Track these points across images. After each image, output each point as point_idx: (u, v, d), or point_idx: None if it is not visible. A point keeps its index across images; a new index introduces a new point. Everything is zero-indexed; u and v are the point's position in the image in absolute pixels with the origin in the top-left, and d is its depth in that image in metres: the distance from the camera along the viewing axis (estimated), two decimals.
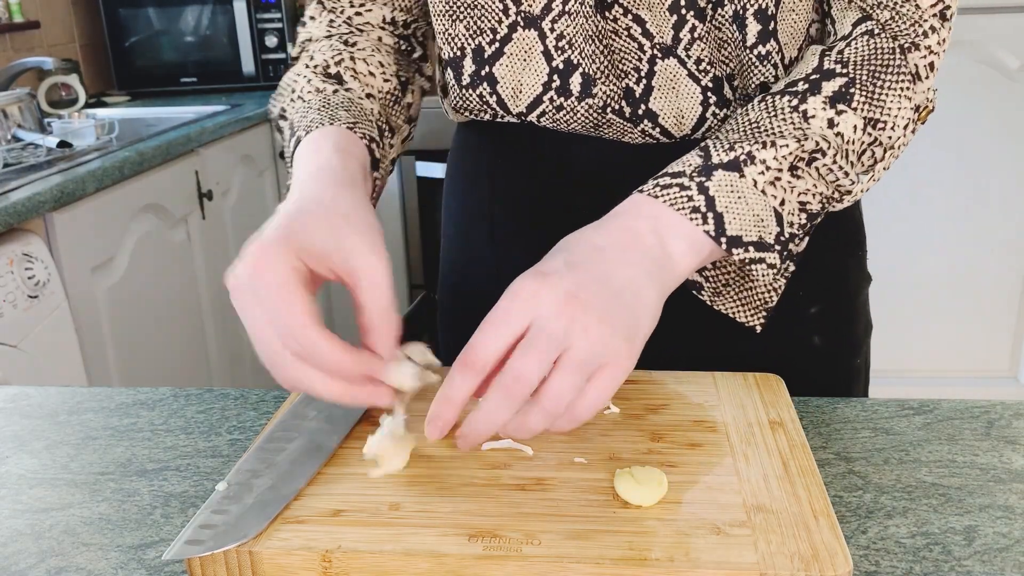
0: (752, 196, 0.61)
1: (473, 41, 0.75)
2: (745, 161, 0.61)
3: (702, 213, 0.60)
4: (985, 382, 2.49)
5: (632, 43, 0.71)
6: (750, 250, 0.60)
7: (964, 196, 2.33)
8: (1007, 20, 2.21)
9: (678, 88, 0.72)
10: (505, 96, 0.76)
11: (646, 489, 0.53)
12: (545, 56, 0.73)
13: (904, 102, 0.66)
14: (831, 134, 0.63)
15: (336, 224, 0.57)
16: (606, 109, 0.74)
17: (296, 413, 0.64)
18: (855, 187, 0.65)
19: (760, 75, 0.72)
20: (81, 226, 1.69)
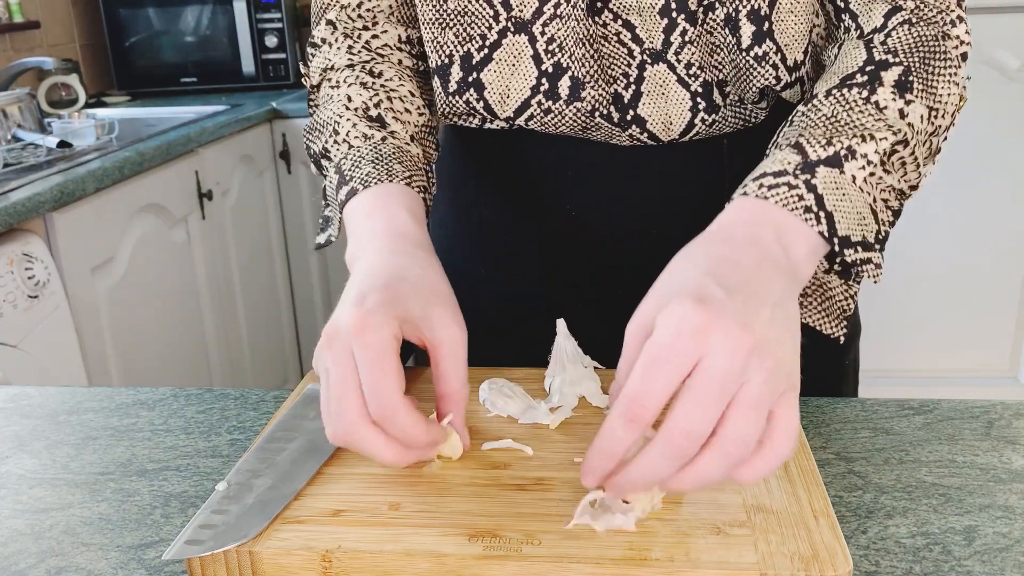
0: (853, 193, 0.58)
1: (462, 48, 0.75)
2: (846, 156, 0.59)
3: (815, 213, 0.56)
4: (985, 382, 2.49)
5: (622, 48, 0.71)
6: (859, 250, 0.57)
7: (964, 196, 2.33)
8: (1007, 20, 2.21)
9: (667, 94, 0.72)
10: (492, 101, 0.76)
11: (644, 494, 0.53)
12: (535, 60, 0.73)
13: (952, 87, 0.64)
14: (904, 125, 0.61)
15: (426, 295, 0.58)
16: (594, 113, 0.74)
17: (296, 413, 0.64)
18: (920, 181, 0.64)
19: (760, 77, 0.71)
20: (81, 226, 1.70)
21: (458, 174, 0.86)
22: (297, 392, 0.68)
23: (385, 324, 0.54)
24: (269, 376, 2.48)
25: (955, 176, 2.32)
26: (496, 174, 0.83)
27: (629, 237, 0.79)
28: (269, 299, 2.48)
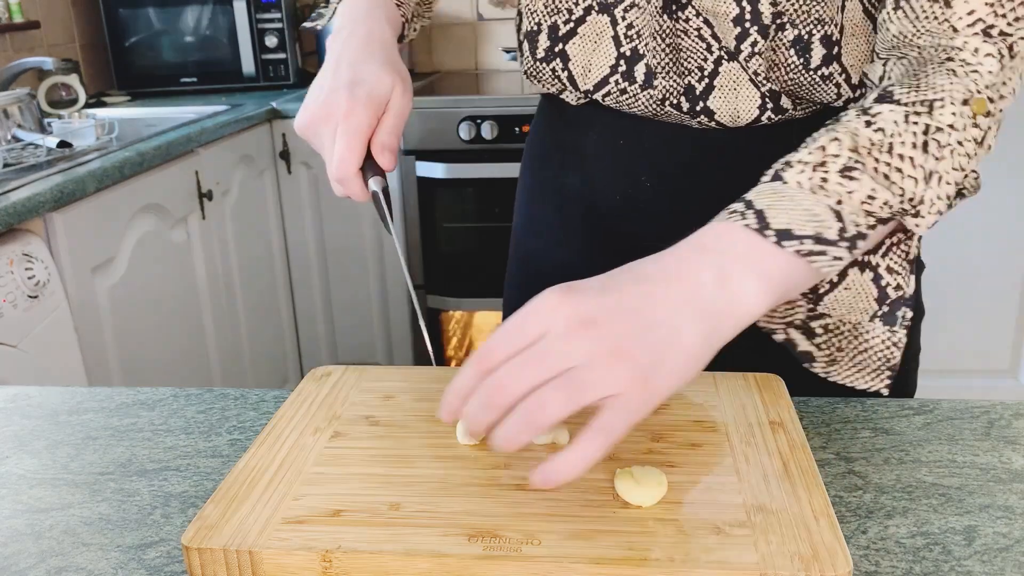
0: (799, 195, 0.58)
1: (550, 19, 0.81)
2: (783, 168, 0.60)
3: (740, 212, 0.57)
4: (985, 381, 2.49)
5: (701, 43, 0.76)
6: (805, 243, 0.56)
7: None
8: None
9: (739, 91, 0.76)
10: (576, 73, 0.82)
11: (646, 489, 0.53)
12: (615, 41, 0.79)
13: (952, 77, 0.61)
14: (868, 132, 0.60)
15: (391, 76, 0.74)
16: (664, 102, 0.78)
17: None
18: (929, 192, 0.60)
19: (824, 94, 0.75)
20: (81, 226, 1.69)
21: (544, 147, 0.93)
22: (297, 392, 0.68)
23: (364, 114, 0.71)
24: (269, 376, 2.48)
25: None
26: (576, 146, 0.88)
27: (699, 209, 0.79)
28: (269, 299, 2.48)
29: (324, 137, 0.73)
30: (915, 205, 0.60)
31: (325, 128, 0.73)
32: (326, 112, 0.72)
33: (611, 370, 0.50)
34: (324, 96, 0.73)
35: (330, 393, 0.68)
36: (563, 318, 0.52)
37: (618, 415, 0.51)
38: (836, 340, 0.66)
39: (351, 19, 0.79)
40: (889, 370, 0.66)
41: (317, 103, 0.73)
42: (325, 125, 0.72)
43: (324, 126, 0.73)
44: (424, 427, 0.62)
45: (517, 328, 0.53)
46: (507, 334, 0.53)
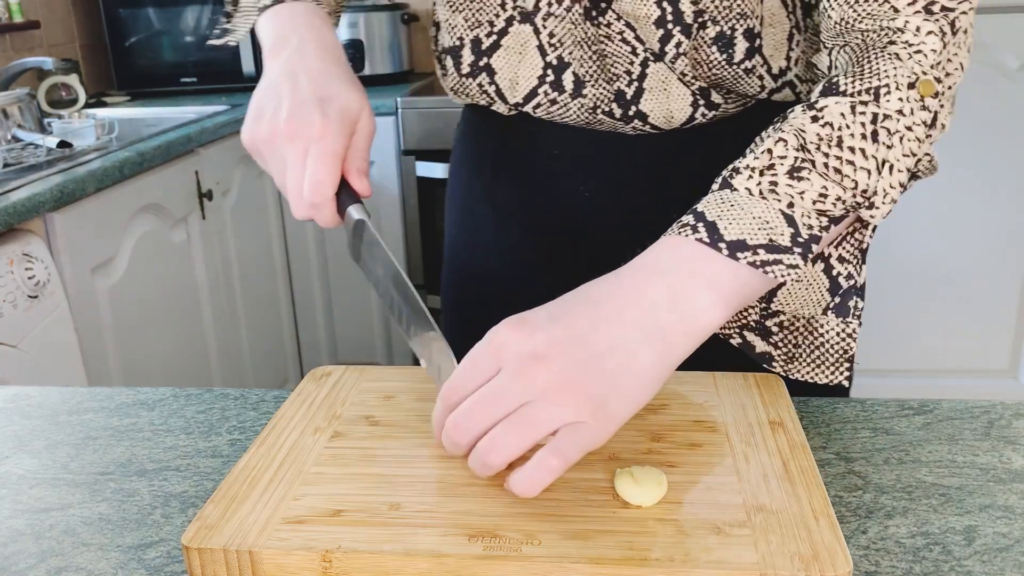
0: (748, 203, 0.57)
1: (471, 32, 0.78)
2: (731, 175, 0.59)
3: (692, 225, 0.57)
4: (985, 381, 2.49)
5: (625, 47, 0.73)
6: (759, 253, 0.56)
7: (964, 195, 2.33)
8: (1007, 20, 2.21)
9: (669, 90, 0.74)
10: (503, 87, 0.79)
11: (646, 489, 0.53)
12: (540, 51, 0.76)
13: (901, 61, 0.61)
14: (815, 127, 0.59)
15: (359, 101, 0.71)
16: (596, 110, 0.76)
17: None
18: (882, 182, 0.59)
19: (749, 87, 0.74)
20: (81, 226, 1.69)
21: (473, 159, 0.90)
22: (297, 392, 0.68)
23: (339, 135, 0.67)
24: (269, 376, 2.48)
25: (955, 176, 2.32)
26: (508, 158, 0.86)
27: (636, 219, 0.80)
28: (269, 299, 2.48)
29: (288, 155, 0.67)
30: (869, 197, 0.59)
31: (291, 146, 0.67)
32: (293, 128, 0.67)
33: (564, 404, 0.51)
34: (288, 111, 0.67)
35: (330, 393, 0.68)
36: (513, 355, 0.52)
37: (571, 441, 0.52)
38: (792, 337, 0.66)
39: (291, 28, 0.74)
40: (848, 362, 0.66)
41: (280, 117, 0.67)
42: (291, 142, 0.67)
43: (289, 143, 0.67)
44: (424, 427, 0.62)
45: (473, 366, 0.54)
46: (465, 372, 0.54)
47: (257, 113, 0.69)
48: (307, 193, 0.66)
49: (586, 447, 0.52)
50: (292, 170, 0.67)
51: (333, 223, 0.69)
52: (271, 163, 0.69)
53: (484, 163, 0.88)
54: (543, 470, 0.51)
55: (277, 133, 0.67)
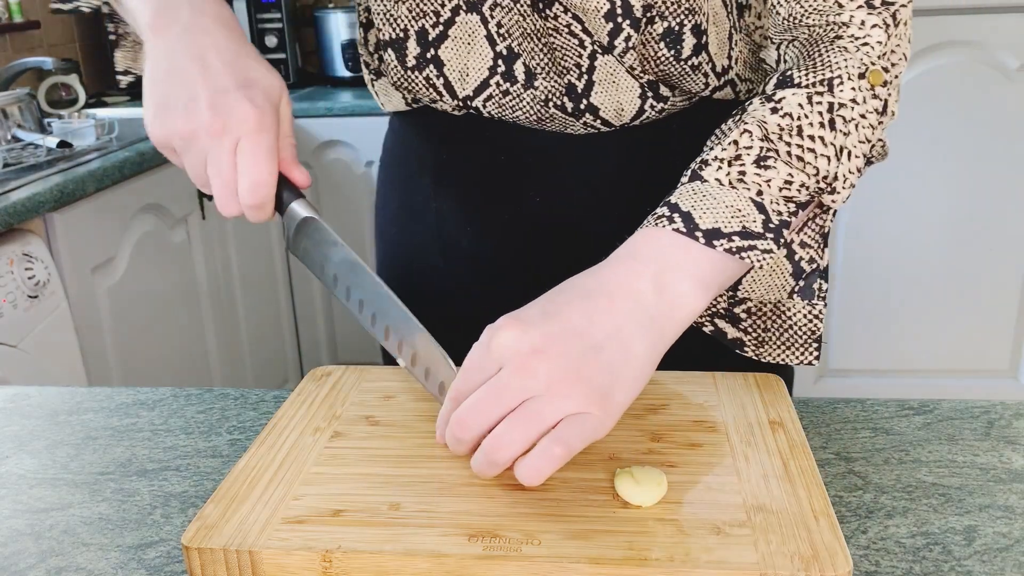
0: (720, 193, 0.59)
1: (416, 23, 0.74)
2: (700, 167, 0.61)
3: (668, 216, 0.59)
4: (985, 381, 2.49)
5: (573, 40, 0.72)
6: (734, 240, 0.58)
7: (964, 195, 2.33)
8: (1007, 20, 2.21)
9: (618, 83, 0.73)
10: (452, 79, 0.75)
11: (646, 489, 0.53)
12: (489, 40, 0.73)
13: (850, 53, 0.64)
14: (775, 118, 0.62)
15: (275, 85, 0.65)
16: (548, 103, 0.74)
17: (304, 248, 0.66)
18: (841, 168, 0.62)
19: (694, 83, 0.74)
20: (81, 226, 1.69)
21: (410, 170, 0.85)
22: (297, 391, 0.68)
23: (273, 126, 0.61)
24: (269, 376, 2.48)
25: (955, 176, 2.32)
26: (452, 165, 0.82)
27: (589, 221, 0.80)
28: (269, 299, 2.48)
29: (214, 151, 0.60)
30: (830, 182, 0.62)
31: (217, 141, 0.60)
32: (220, 123, 0.60)
33: (567, 396, 0.52)
34: (208, 101, 0.60)
35: (330, 393, 0.68)
36: (513, 352, 0.53)
37: (575, 430, 0.52)
38: (761, 322, 0.68)
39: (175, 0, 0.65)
40: (816, 342, 0.69)
41: (199, 109, 0.60)
42: (218, 138, 0.60)
43: (216, 139, 0.60)
44: (424, 427, 0.62)
45: (474, 366, 0.55)
46: (468, 372, 0.55)
47: (164, 103, 0.61)
48: (247, 196, 0.61)
49: (589, 437, 0.53)
50: (219, 168, 0.61)
51: (268, 218, 0.64)
52: (188, 159, 0.62)
53: (424, 173, 0.84)
54: (547, 458, 0.51)
55: (199, 128, 0.60)
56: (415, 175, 0.85)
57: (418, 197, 0.84)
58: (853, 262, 2.42)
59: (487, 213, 0.81)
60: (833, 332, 2.48)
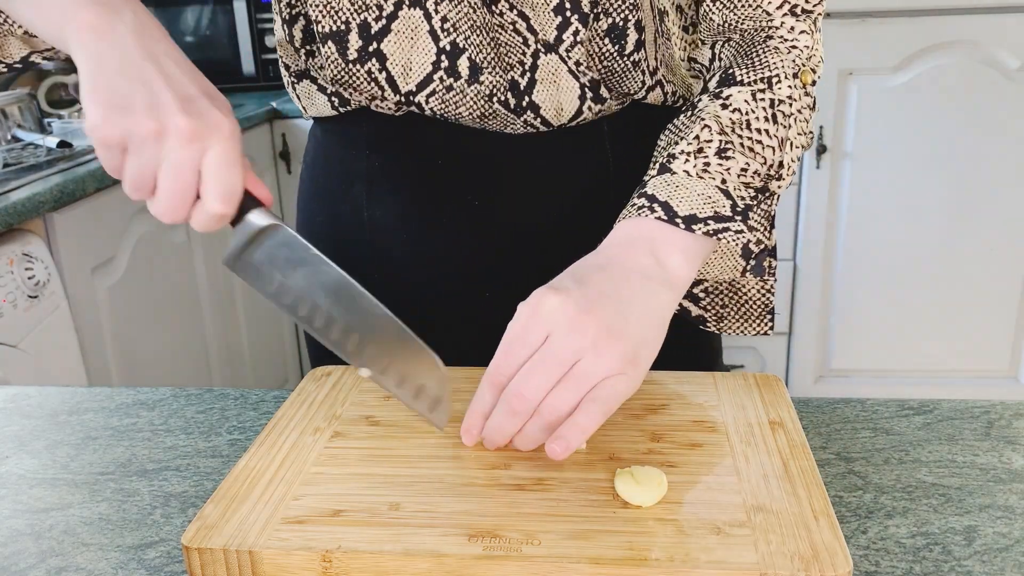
0: (690, 183, 0.66)
1: (359, 16, 0.73)
2: (668, 160, 0.67)
3: (648, 206, 0.65)
4: (985, 382, 2.49)
5: (517, 37, 0.73)
6: (709, 223, 0.64)
7: (964, 196, 2.33)
8: (1007, 20, 2.21)
9: (559, 83, 0.74)
10: (395, 73, 0.74)
11: (646, 489, 0.53)
12: (432, 36, 0.73)
13: (783, 54, 0.71)
14: (727, 113, 0.68)
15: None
16: (492, 99, 0.74)
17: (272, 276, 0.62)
18: (784, 157, 0.69)
19: (633, 82, 0.76)
20: (81, 226, 1.69)
21: (337, 179, 0.83)
22: (297, 391, 0.68)
23: (239, 138, 0.58)
24: (269, 376, 2.48)
25: (955, 175, 2.32)
26: (385, 172, 0.81)
27: (526, 223, 0.80)
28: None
29: (177, 157, 0.56)
30: (776, 170, 0.69)
31: (186, 147, 0.56)
32: (193, 128, 0.56)
33: (609, 355, 0.57)
34: (179, 105, 0.56)
35: (330, 393, 0.68)
36: (562, 315, 0.57)
37: (610, 391, 0.56)
38: (719, 299, 0.75)
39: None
40: (769, 314, 0.76)
41: (168, 112, 0.56)
42: (188, 143, 0.56)
43: (186, 144, 0.56)
44: (424, 427, 0.63)
45: (520, 339, 0.58)
46: (512, 346, 0.58)
47: (121, 102, 0.57)
48: (218, 204, 0.57)
49: (622, 397, 0.57)
50: (179, 172, 0.57)
51: (222, 225, 0.60)
52: (136, 160, 0.57)
53: (355, 182, 0.82)
54: (590, 417, 0.56)
55: (168, 130, 0.56)
56: (343, 185, 0.83)
57: (346, 207, 0.83)
58: (853, 262, 2.42)
59: (423, 219, 0.80)
60: (833, 332, 2.49)
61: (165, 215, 0.58)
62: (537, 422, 0.57)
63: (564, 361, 0.56)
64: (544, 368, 0.56)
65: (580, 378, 0.56)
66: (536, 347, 0.57)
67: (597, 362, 0.56)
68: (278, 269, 0.61)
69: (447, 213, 0.80)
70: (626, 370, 0.57)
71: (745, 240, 0.66)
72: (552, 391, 0.56)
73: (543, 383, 0.56)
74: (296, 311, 0.61)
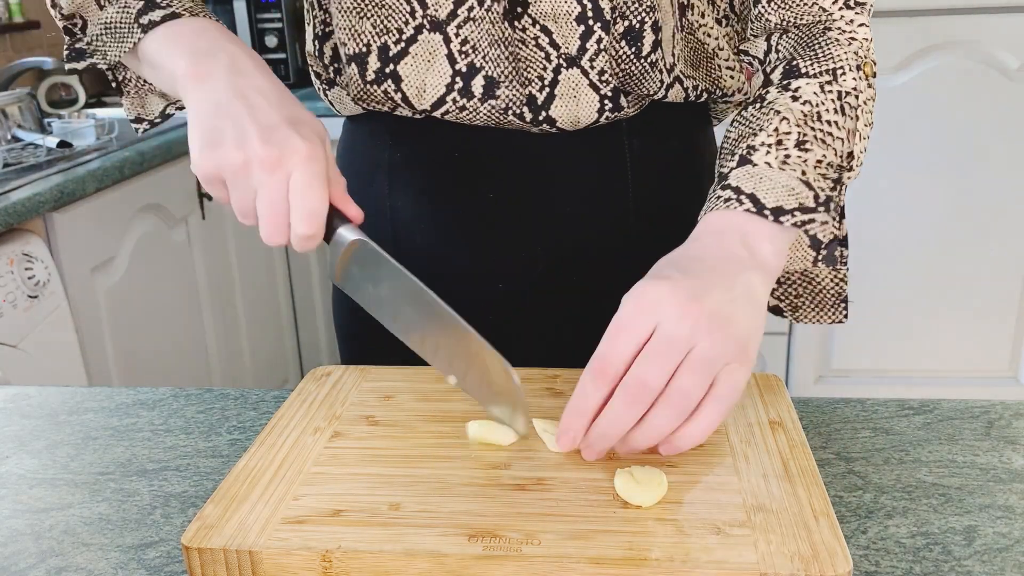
0: (773, 174, 0.65)
1: (379, 39, 0.76)
2: (748, 152, 0.66)
3: (736, 199, 0.64)
4: (985, 382, 2.49)
5: (539, 52, 0.74)
6: (796, 215, 0.64)
7: (964, 196, 2.33)
8: (1007, 20, 2.21)
9: (578, 97, 0.75)
10: (410, 94, 0.77)
11: (646, 489, 0.53)
12: (449, 59, 0.75)
13: (844, 46, 0.71)
14: (798, 106, 0.68)
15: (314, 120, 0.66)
16: (507, 112, 0.76)
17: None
18: (854, 147, 0.69)
19: (651, 83, 0.76)
20: (81, 226, 1.69)
21: (364, 171, 0.86)
22: (297, 391, 0.68)
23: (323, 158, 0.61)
24: (269, 376, 2.48)
25: (955, 176, 2.32)
26: (406, 165, 0.83)
27: (543, 217, 0.81)
28: (269, 299, 2.48)
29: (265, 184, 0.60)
30: (848, 161, 0.69)
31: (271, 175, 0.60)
32: (274, 155, 0.60)
33: (725, 340, 0.56)
34: (259, 136, 0.60)
35: (330, 393, 0.68)
36: (671, 304, 0.56)
37: (737, 378, 0.56)
38: (792, 289, 0.75)
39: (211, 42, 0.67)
40: (843, 303, 0.75)
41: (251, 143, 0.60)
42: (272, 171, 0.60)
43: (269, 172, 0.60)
44: (424, 427, 0.63)
45: (627, 332, 0.56)
46: (617, 341, 0.56)
47: (213, 139, 0.61)
48: (301, 226, 0.61)
49: (741, 387, 0.56)
50: (271, 199, 0.61)
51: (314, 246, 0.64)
52: (236, 192, 0.62)
53: (377, 175, 0.85)
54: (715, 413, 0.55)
55: (252, 160, 0.60)
56: (369, 176, 0.85)
57: (372, 197, 0.85)
58: (853, 262, 2.40)
59: (441, 210, 0.82)
60: (833, 332, 2.48)
61: (269, 239, 0.62)
62: (665, 411, 0.55)
63: (680, 348, 0.55)
64: (663, 353, 0.55)
65: (702, 362, 0.55)
66: (644, 337, 0.56)
67: (714, 347, 0.55)
68: (371, 283, 0.63)
69: (465, 206, 0.82)
70: (739, 359, 0.56)
71: (831, 231, 0.66)
72: (676, 374, 0.55)
73: (665, 368, 0.55)
74: (394, 324, 0.64)
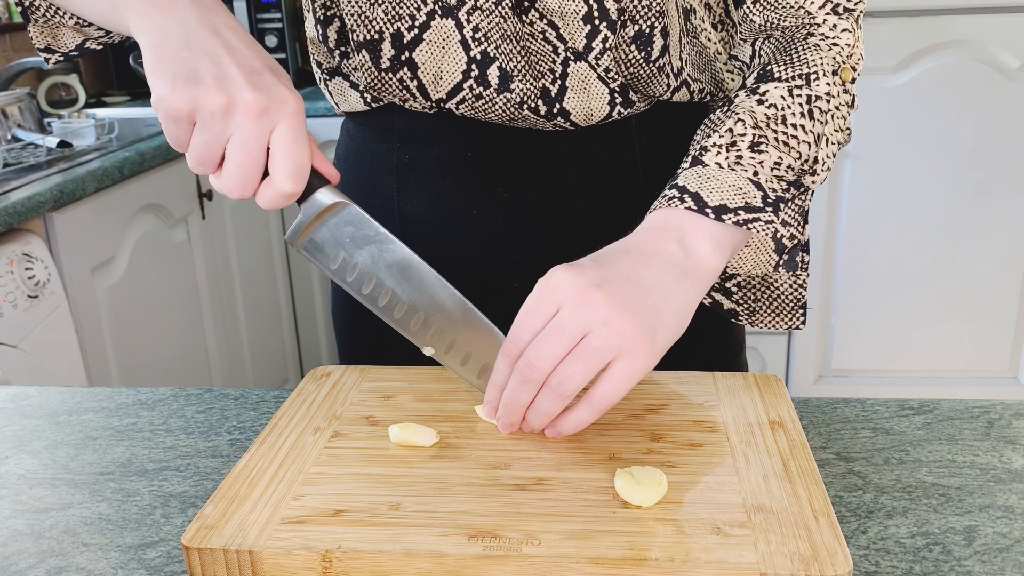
0: (722, 175, 0.66)
1: (392, 26, 0.74)
2: (700, 152, 0.68)
3: (679, 197, 0.65)
4: (985, 382, 2.49)
5: (547, 46, 0.74)
6: (740, 213, 0.65)
7: (964, 196, 2.33)
8: (1007, 20, 2.21)
9: (589, 89, 0.75)
10: (426, 81, 0.76)
11: (646, 489, 0.53)
12: (463, 45, 0.74)
13: (823, 51, 0.71)
14: (762, 108, 0.69)
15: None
16: (523, 106, 0.75)
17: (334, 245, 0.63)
18: (819, 152, 0.69)
19: (659, 85, 0.76)
20: (81, 226, 1.69)
21: (369, 172, 0.85)
22: (297, 391, 0.68)
23: (304, 114, 0.59)
24: (269, 376, 2.48)
25: (955, 176, 2.32)
26: (417, 165, 0.82)
27: (554, 216, 0.81)
28: (269, 299, 2.48)
29: (246, 131, 0.56)
30: (811, 165, 0.70)
31: (255, 122, 0.56)
32: (263, 102, 0.56)
33: (620, 332, 0.56)
34: (245, 79, 0.56)
35: (330, 393, 0.68)
36: (572, 289, 0.58)
37: (627, 369, 0.57)
38: (751, 293, 0.76)
39: None
40: (801, 308, 0.77)
41: (236, 86, 0.56)
42: (258, 119, 0.56)
43: (256, 120, 0.56)
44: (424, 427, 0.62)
45: (533, 312, 0.59)
46: (525, 320, 0.59)
47: (187, 74, 0.56)
48: (287, 183, 0.57)
49: (635, 378, 0.57)
50: (248, 148, 0.56)
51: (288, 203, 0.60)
52: (204, 135, 0.57)
53: (385, 175, 0.83)
54: (602, 396, 0.57)
55: (236, 104, 0.56)
56: (375, 177, 0.84)
57: (378, 199, 0.84)
58: (853, 262, 2.41)
59: (454, 211, 0.81)
60: (833, 332, 2.48)
61: (233, 190, 0.58)
62: (548, 393, 0.57)
63: (572, 333, 0.56)
64: (553, 338, 0.57)
65: (589, 351, 0.56)
66: (547, 319, 0.58)
67: (607, 338, 0.56)
68: (343, 247, 0.62)
69: (476, 205, 0.81)
70: (637, 349, 0.57)
71: (775, 230, 0.67)
72: (562, 362, 0.56)
73: (553, 352, 0.56)
74: (359, 289, 0.63)
